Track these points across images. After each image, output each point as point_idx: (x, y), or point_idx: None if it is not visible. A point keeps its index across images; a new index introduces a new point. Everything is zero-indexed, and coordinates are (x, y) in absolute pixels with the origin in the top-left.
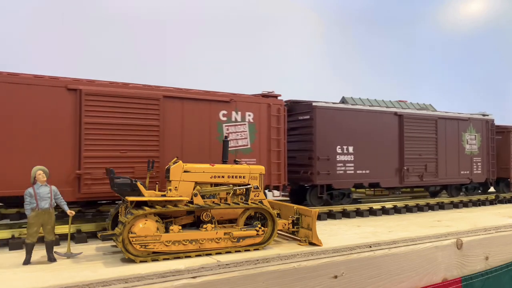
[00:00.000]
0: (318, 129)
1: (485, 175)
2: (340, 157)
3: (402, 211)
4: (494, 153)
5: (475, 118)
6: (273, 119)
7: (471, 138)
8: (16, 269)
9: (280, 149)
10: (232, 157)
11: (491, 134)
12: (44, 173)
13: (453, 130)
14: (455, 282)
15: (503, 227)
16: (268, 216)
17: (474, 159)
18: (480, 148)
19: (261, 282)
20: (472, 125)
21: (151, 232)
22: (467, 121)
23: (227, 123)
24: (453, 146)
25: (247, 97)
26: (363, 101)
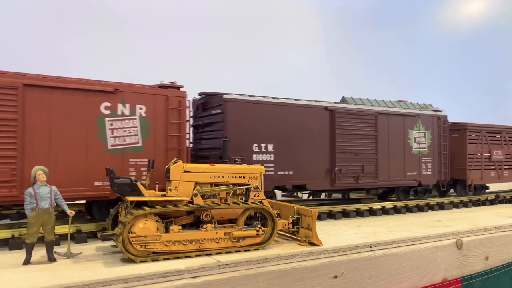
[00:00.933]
0: (230, 124)
1: (436, 176)
2: (257, 156)
3: (402, 211)
4: (446, 153)
5: (425, 114)
6: (172, 113)
7: (419, 136)
8: (16, 269)
9: (181, 148)
10: (116, 157)
11: (443, 131)
12: (44, 173)
13: (398, 127)
14: (455, 282)
15: (503, 227)
16: (268, 216)
17: (423, 159)
18: (431, 147)
19: (261, 282)
20: (421, 122)
21: (151, 232)
22: (414, 117)
23: (111, 117)
24: (397, 145)
25: (139, 87)
26: (363, 101)
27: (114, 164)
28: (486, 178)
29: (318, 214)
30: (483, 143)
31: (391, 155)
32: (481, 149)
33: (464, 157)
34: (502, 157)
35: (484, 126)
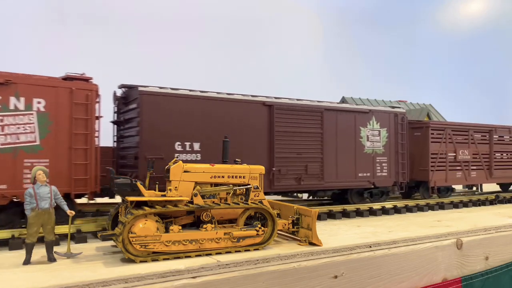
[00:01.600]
0: (146, 120)
1: (392, 178)
2: (180, 156)
3: (402, 211)
4: (405, 152)
5: (379, 111)
6: (77, 108)
7: (373, 134)
8: (16, 269)
9: (88, 146)
10: (6, 157)
11: (401, 129)
12: (44, 173)
13: (348, 124)
14: (455, 282)
15: (503, 227)
16: (268, 216)
17: (378, 159)
18: (386, 146)
19: (261, 282)
20: (375, 119)
21: (151, 232)
22: (367, 113)
23: (2, 113)
24: (347, 144)
25: (37, 79)
26: (363, 101)
27: (4, 165)
28: (451, 180)
29: (318, 214)
30: (447, 142)
31: (340, 154)
32: (445, 148)
33: (426, 157)
34: (469, 157)
35: (449, 124)
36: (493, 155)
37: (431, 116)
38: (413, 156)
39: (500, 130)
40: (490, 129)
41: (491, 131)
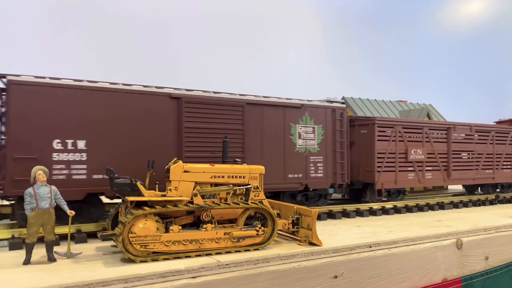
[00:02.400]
0: (16, 114)
1: (330, 179)
2: (60, 155)
3: (402, 211)
4: (344, 151)
5: (314, 106)
6: None
7: (306, 131)
8: (16, 269)
9: None
10: None
11: (340, 126)
12: (44, 173)
13: (276, 120)
14: (455, 282)
15: (503, 227)
16: (268, 216)
17: (312, 158)
18: (322, 145)
19: (261, 282)
20: (308, 114)
21: (151, 232)
22: (299, 108)
23: None
24: (275, 142)
25: None
26: (363, 101)
27: None
28: (402, 182)
29: (318, 214)
30: (397, 140)
31: (265, 154)
32: (395, 147)
33: (372, 156)
34: (423, 156)
35: (399, 121)
36: (451, 154)
37: (431, 116)
38: (360, 156)
39: (460, 128)
40: (448, 127)
41: (449, 128)
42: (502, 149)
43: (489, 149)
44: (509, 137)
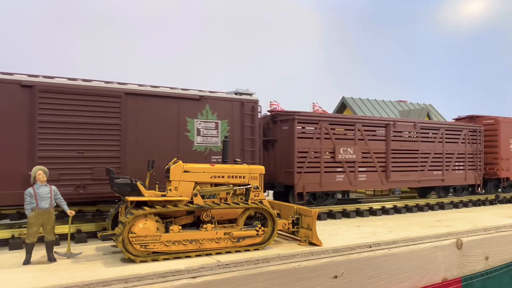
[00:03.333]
0: None
1: None
2: None
3: (402, 211)
4: (256, 150)
5: (217, 98)
6: None
7: (207, 127)
8: (16, 269)
9: None
10: None
11: (251, 121)
12: (44, 173)
13: (167, 114)
14: (455, 282)
15: (503, 227)
16: (268, 216)
17: (215, 158)
18: None
19: (261, 282)
20: (210, 108)
21: (151, 232)
22: (198, 101)
23: None
24: (166, 139)
25: None
26: (363, 101)
27: None
28: (328, 184)
29: (318, 214)
30: (322, 137)
31: (153, 153)
32: (320, 145)
33: (291, 156)
34: (355, 156)
35: (324, 116)
36: (390, 154)
37: (431, 116)
38: (282, 155)
39: (401, 125)
40: (387, 123)
41: (388, 125)
42: (453, 148)
43: (438, 148)
44: (462, 135)
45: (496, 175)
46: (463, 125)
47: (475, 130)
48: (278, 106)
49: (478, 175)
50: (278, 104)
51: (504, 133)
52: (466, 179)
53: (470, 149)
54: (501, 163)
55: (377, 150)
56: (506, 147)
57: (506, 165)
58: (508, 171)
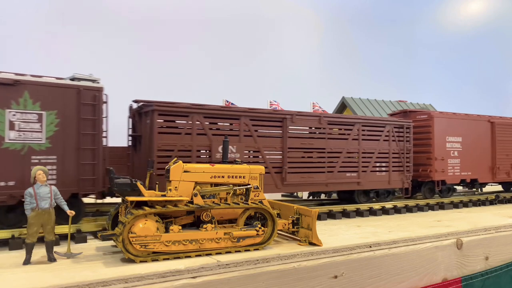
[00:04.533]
0: None
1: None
2: None
3: (402, 211)
4: (97, 148)
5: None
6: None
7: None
8: (16, 269)
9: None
10: None
11: (92, 113)
12: (44, 173)
13: None
14: (455, 282)
15: (503, 227)
16: (268, 216)
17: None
18: (57, 139)
19: (261, 282)
20: (29, 96)
21: (151, 232)
22: (13, 86)
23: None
24: None
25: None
26: (363, 101)
27: None
28: None
29: (318, 214)
30: (194, 133)
31: None
32: (190, 142)
33: (150, 154)
34: (239, 155)
35: (198, 108)
36: (287, 153)
37: None
38: (145, 155)
39: (301, 119)
40: (283, 117)
41: (284, 119)
42: (373, 147)
43: (352, 147)
44: (385, 132)
45: (430, 178)
46: (386, 120)
47: (401, 126)
48: (278, 106)
49: (405, 177)
50: (278, 104)
51: (438, 129)
52: (390, 182)
53: (395, 148)
54: (434, 163)
55: (270, 148)
56: (441, 145)
57: (441, 166)
58: (444, 173)
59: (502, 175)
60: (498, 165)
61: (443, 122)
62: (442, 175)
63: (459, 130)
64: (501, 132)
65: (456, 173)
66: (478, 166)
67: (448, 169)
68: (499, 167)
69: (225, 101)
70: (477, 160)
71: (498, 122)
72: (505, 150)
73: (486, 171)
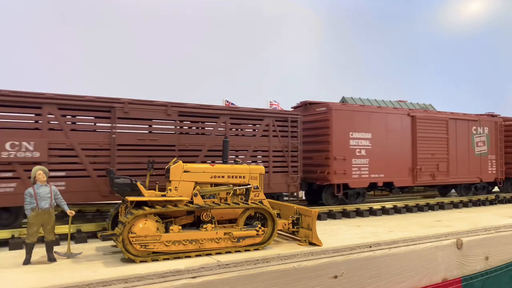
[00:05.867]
0: None
1: None
2: None
3: (402, 211)
4: None
5: None
6: None
7: None
8: (16, 269)
9: None
10: None
11: None
12: (44, 173)
13: None
14: (455, 282)
15: (503, 227)
16: (268, 216)
17: None
18: None
19: (261, 282)
20: None
21: (151, 232)
22: None
23: None
24: None
25: None
26: (363, 101)
27: None
28: None
29: (318, 214)
30: None
31: None
32: None
33: None
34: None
35: None
36: (116, 151)
37: None
38: None
39: (136, 109)
40: (111, 106)
41: (113, 109)
42: (246, 143)
43: (216, 143)
44: (263, 126)
45: (328, 181)
46: (265, 111)
47: (285, 119)
48: (278, 106)
49: (291, 180)
50: (278, 104)
51: (338, 124)
52: (270, 186)
53: (278, 145)
54: (333, 164)
55: (91, 145)
56: (342, 143)
57: (342, 167)
58: (345, 175)
59: (424, 177)
60: (420, 166)
61: (345, 115)
62: (344, 177)
63: (368, 125)
64: (424, 127)
65: (363, 176)
66: (394, 167)
67: (353, 171)
68: (420, 168)
69: (225, 101)
70: (392, 160)
71: (420, 116)
72: (429, 149)
73: (405, 173)
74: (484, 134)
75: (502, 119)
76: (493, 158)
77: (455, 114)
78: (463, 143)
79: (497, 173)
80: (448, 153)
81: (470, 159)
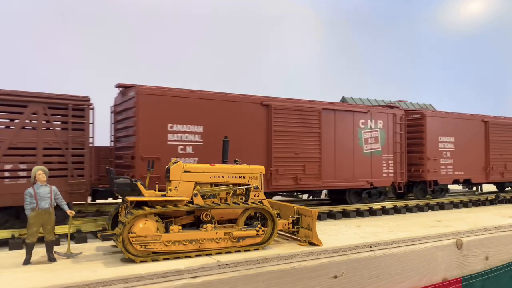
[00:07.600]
0: None
1: None
2: None
3: (402, 211)
4: None
5: None
6: None
7: None
8: (16, 269)
9: None
10: None
11: None
12: (44, 173)
13: None
14: (455, 282)
15: (503, 227)
16: (268, 216)
17: None
18: None
19: (261, 282)
20: None
21: (151, 232)
22: None
23: None
24: None
25: None
26: (363, 101)
27: None
28: None
29: (318, 214)
30: None
31: None
32: None
33: None
34: None
35: None
36: None
37: None
38: None
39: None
40: None
41: None
42: None
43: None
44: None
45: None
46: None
47: (64, 107)
48: None
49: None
50: None
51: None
52: None
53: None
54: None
55: None
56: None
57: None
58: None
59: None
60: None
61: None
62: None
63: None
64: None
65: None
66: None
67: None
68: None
69: None
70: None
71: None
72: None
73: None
74: (377, 129)
75: (403, 111)
76: (390, 158)
77: (335, 104)
78: (347, 140)
79: (395, 176)
80: (321, 152)
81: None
